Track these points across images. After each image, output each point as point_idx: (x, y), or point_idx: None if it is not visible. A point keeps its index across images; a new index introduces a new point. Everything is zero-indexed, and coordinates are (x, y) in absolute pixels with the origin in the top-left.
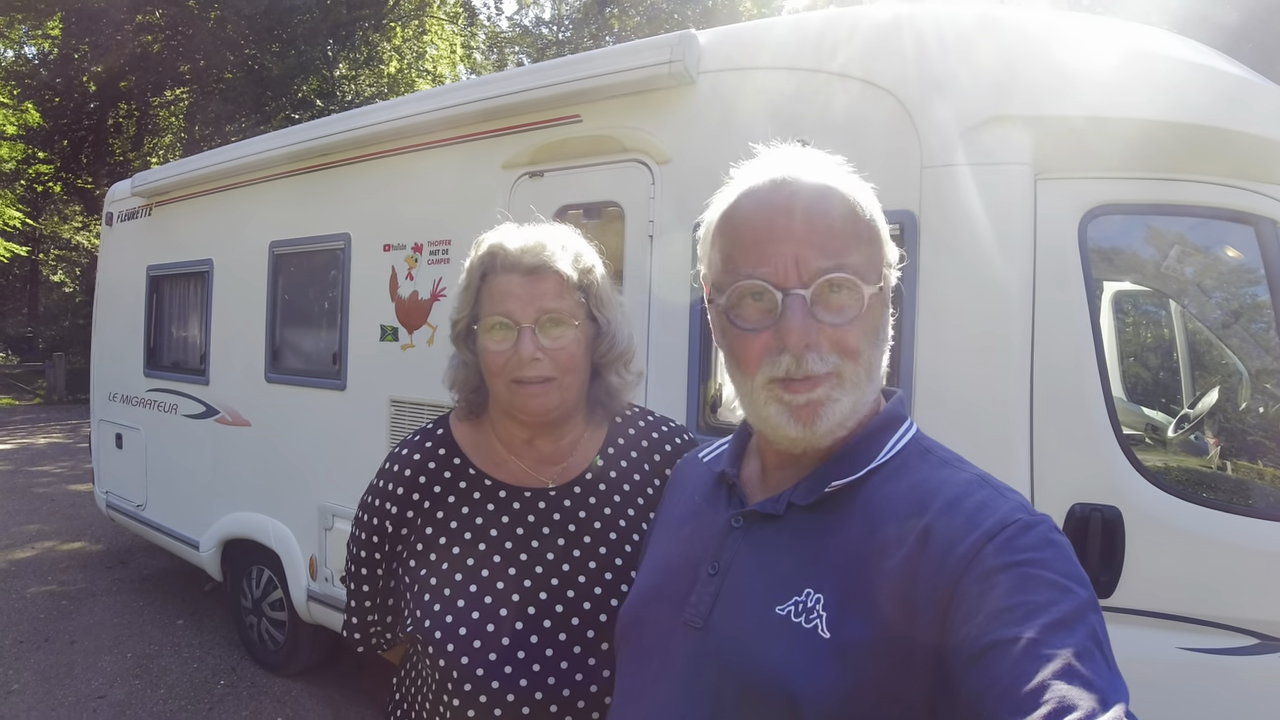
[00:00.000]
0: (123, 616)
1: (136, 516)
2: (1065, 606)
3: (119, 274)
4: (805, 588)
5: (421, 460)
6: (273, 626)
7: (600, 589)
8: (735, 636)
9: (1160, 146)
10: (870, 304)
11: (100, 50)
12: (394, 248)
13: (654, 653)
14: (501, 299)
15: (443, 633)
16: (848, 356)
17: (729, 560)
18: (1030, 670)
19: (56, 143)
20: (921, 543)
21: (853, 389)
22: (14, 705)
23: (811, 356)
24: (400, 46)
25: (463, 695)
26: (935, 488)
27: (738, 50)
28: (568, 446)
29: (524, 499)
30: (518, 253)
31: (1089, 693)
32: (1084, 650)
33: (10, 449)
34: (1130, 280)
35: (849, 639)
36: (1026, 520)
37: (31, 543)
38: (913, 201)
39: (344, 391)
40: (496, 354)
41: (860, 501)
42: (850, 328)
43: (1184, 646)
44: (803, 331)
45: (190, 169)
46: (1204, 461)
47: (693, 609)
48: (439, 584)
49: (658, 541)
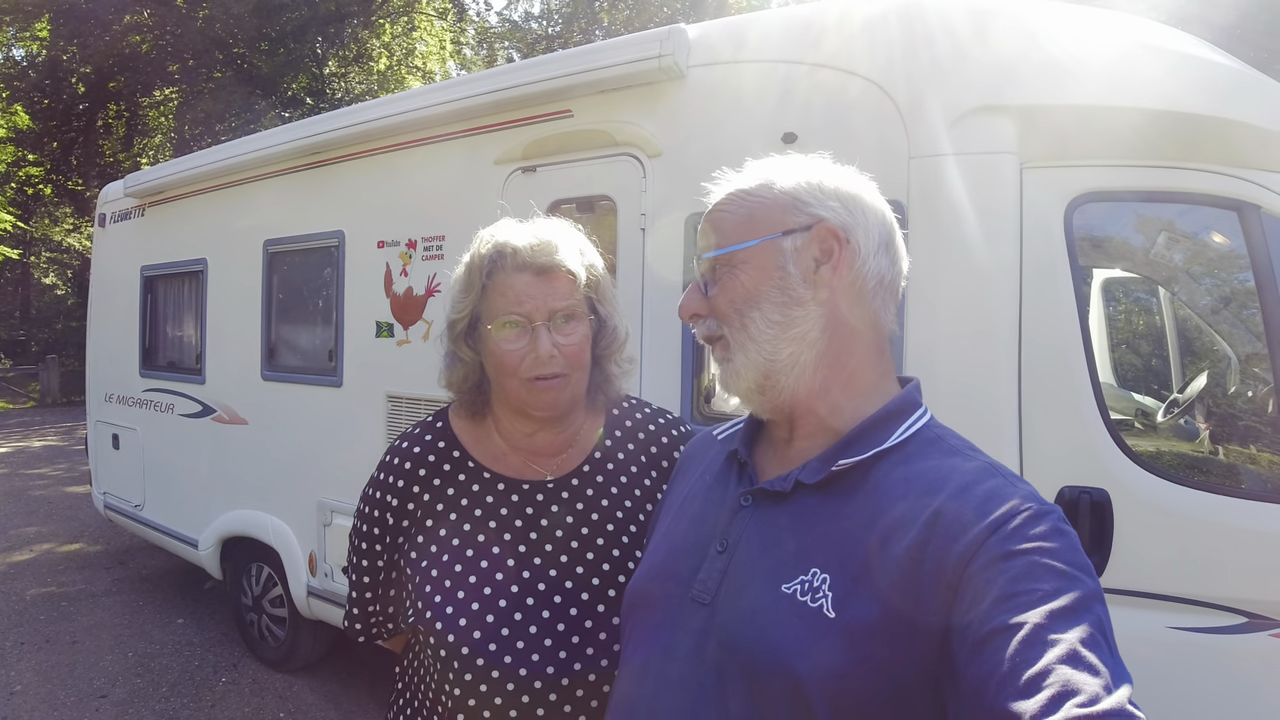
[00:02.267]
0: (123, 616)
1: (135, 517)
2: (1071, 595)
3: (113, 275)
4: (812, 567)
5: (421, 453)
6: (273, 623)
7: (598, 579)
8: (741, 614)
9: (1144, 134)
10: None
11: (88, 51)
12: (388, 244)
13: (661, 628)
14: (516, 300)
15: (443, 623)
16: (723, 320)
17: (737, 538)
18: (1034, 656)
19: (46, 145)
20: (930, 527)
21: (739, 350)
22: (17, 706)
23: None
24: (389, 43)
25: (464, 684)
26: (945, 474)
27: (727, 43)
28: (567, 439)
29: (522, 491)
30: (529, 251)
31: (1093, 678)
32: (1089, 638)
33: (5, 452)
34: (1118, 267)
35: (854, 619)
36: (1036, 510)
37: (30, 545)
38: (901, 191)
39: (340, 388)
40: (511, 353)
41: (869, 484)
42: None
43: (1174, 626)
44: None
45: (183, 169)
46: (1192, 445)
47: (700, 585)
48: (439, 575)
49: (666, 518)
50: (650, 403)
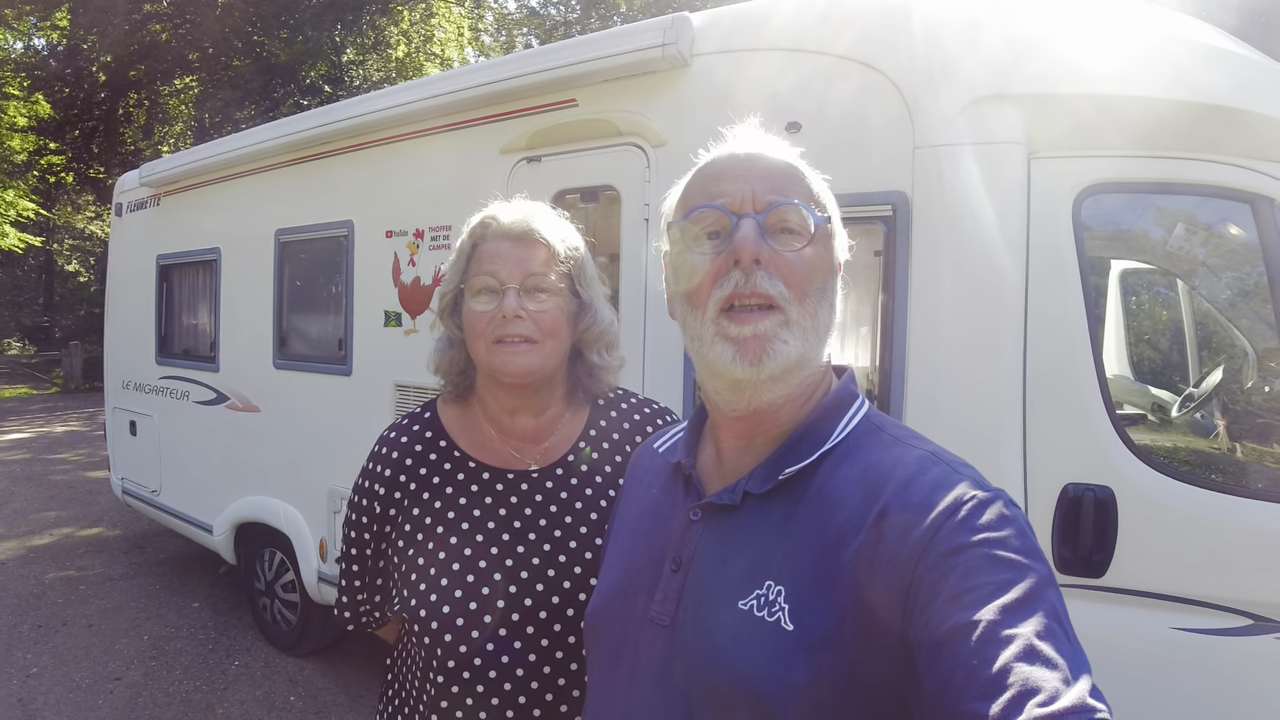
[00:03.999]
0: (139, 600)
1: (151, 502)
2: (1023, 585)
3: (130, 263)
4: (766, 580)
5: (408, 443)
6: (285, 608)
7: (580, 568)
8: (701, 635)
9: (1156, 125)
10: (818, 247)
11: (108, 40)
12: (396, 234)
13: (624, 652)
14: (489, 260)
15: (427, 610)
16: (794, 290)
17: (690, 554)
18: (992, 655)
19: (68, 133)
20: (878, 528)
21: (799, 333)
22: (33, 688)
23: (760, 274)
24: (407, 30)
25: (447, 671)
26: (889, 469)
27: (731, 32)
28: (549, 424)
29: (507, 480)
30: (508, 222)
31: (1052, 671)
32: (1044, 630)
33: (28, 437)
34: (1127, 259)
35: (812, 630)
36: (981, 497)
37: (49, 529)
38: (905, 182)
39: (350, 377)
40: (480, 314)
41: (815, 487)
42: (798, 259)
43: (1177, 626)
44: (755, 244)
45: (196, 159)
46: (1202, 441)
47: (659, 606)
48: (425, 563)
49: (619, 536)
50: (636, 393)
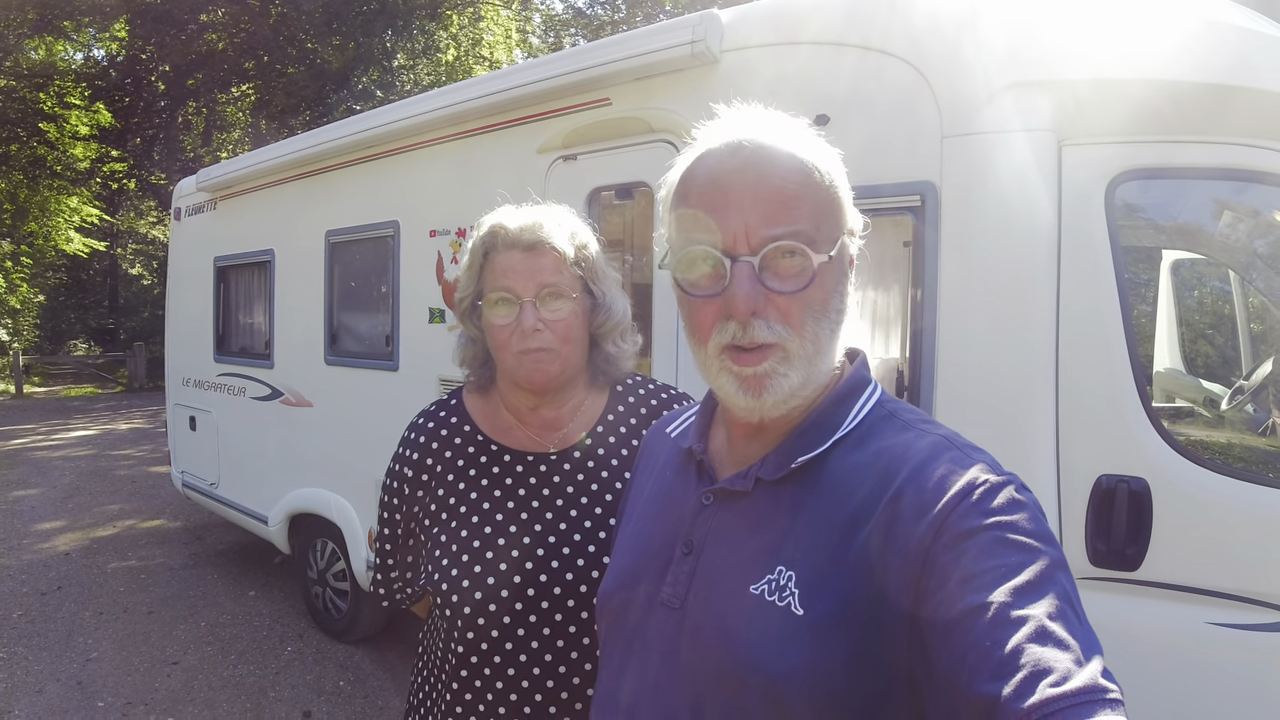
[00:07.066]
0: (197, 589)
1: (210, 494)
2: (1034, 568)
3: (188, 266)
4: (778, 565)
5: (435, 428)
6: (336, 596)
7: (594, 547)
8: (711, 618)
9: (1192, 110)
10: (820, 273)
11: (166, 50)
12: (439, 233)
13: (635, 633)
14: (503, 274)
15: (449, 584)
16: (794, 327)
17: (702, 539)
18: (1004, 636)
19: (129, 141)
20: (890, 513)
21: (800, 363)
22: (92, 672)
23: (758, 324)
24: (456, 34)
25: (465, 642)
26: (901, 454)
27: (759, 27)
28: (569, 412)
29: (526, 463)
30: (517, 231)
31: (1064, 652)
32: (1056, 611)
33: (94, 434)
34: (1166, 247)
35: (823, 615)
36: (993, 482)
37: (112, 521)
38: (933, 172)
39: (397, 372)
40: (501, 328)
41: (827, 473)
42: (797, 298)
43: (1213, 621)
44: (748, 299)
45: (250, 164)
46: (1246, 434)
47: (669, 589)
48: (448, 540)
49: (631, 518)
50: (654, 379)
